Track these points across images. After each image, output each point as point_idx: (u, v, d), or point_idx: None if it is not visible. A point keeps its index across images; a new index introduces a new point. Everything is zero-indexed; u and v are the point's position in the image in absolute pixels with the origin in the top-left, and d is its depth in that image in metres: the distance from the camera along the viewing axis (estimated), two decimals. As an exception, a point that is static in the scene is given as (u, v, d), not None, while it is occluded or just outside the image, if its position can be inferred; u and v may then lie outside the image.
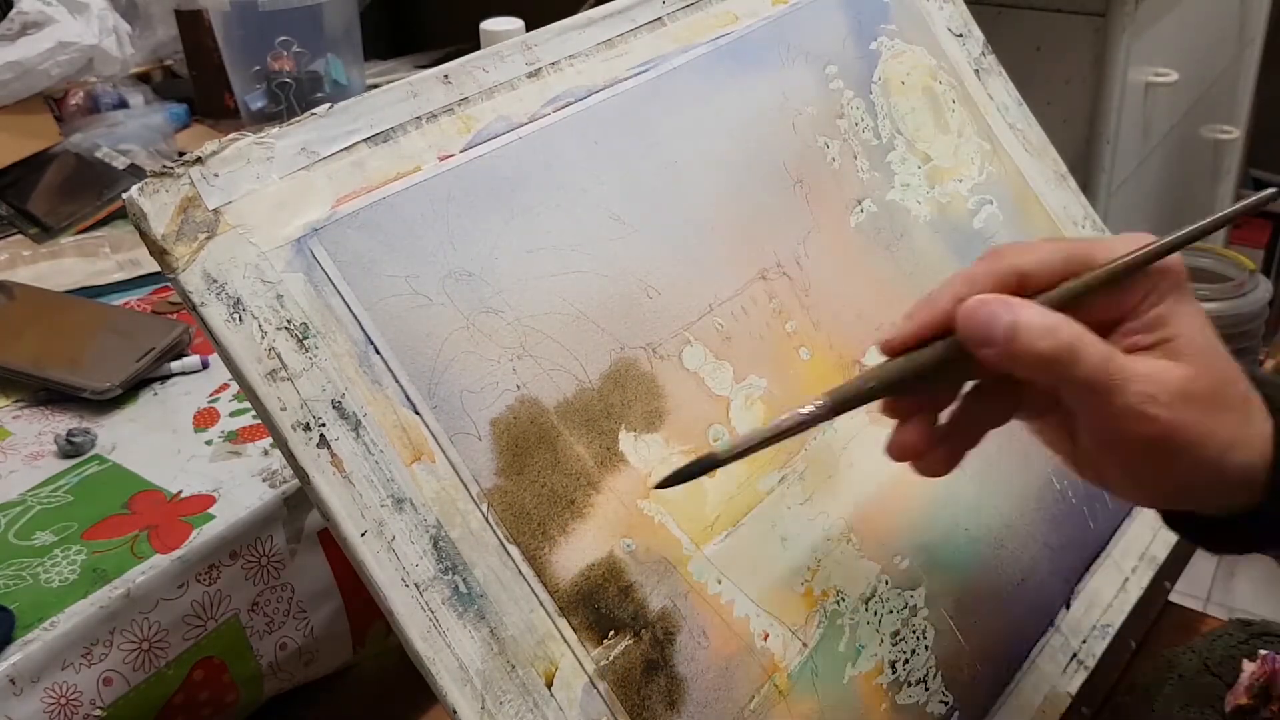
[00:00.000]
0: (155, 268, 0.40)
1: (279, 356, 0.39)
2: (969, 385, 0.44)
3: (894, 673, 0.49)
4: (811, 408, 0.40)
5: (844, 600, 0.48)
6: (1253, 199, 0.45)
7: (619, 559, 0.43)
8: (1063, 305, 0.40)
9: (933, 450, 0.42)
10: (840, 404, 0.40)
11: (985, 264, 0.42)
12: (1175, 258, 0.42)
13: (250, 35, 0.97)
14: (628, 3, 0.53)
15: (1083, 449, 0.43)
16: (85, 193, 0.88)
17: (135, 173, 0.90)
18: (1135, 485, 0.43)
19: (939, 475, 0.43)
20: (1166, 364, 0.40)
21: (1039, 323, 0.39)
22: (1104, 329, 0.40)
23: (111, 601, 0.50)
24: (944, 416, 0.43)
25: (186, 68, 1.06)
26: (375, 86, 0.47)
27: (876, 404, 0.42)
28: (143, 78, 1.08)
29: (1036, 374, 0.40)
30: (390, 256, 0.42)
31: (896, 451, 0.42)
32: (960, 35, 0.66)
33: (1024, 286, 0.41)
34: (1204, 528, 0.45)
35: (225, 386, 0.65)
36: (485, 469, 0.42)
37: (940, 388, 0.43)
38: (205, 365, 0.67)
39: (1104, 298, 0.41)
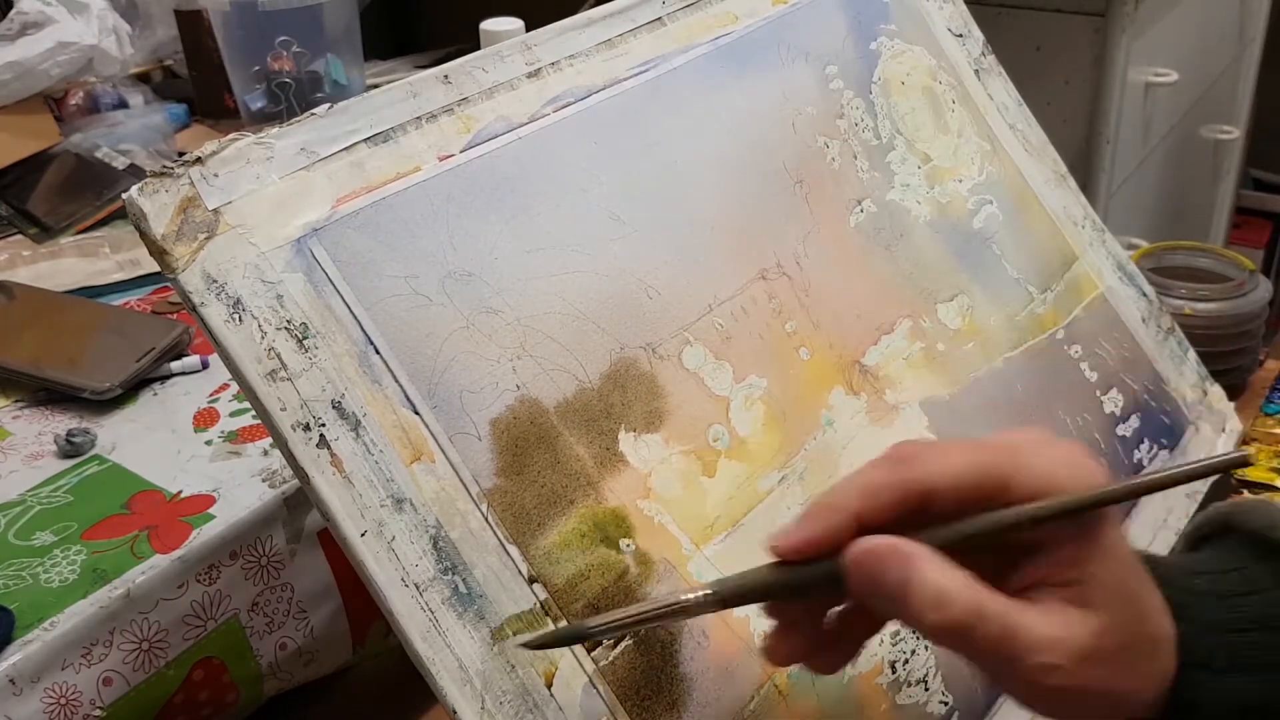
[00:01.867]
0: (155, 268, 0.40)
1: (279, 356, 0.39)
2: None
3: (894, 673, 0.49)
4: (692, 596, 0.37)
5: (844, 600, 0.48)
6: (1206, 462, 0.40)
7: (619, 559, 0.43)
8: (965, 542, 0.36)
9: (817, 654, 0.39)
10: (723, 598, 0.37)
11: (893, 472, 0.37)
12: (1090, 470, 0.37)
13: (250, 35, 0.97)
14: (628, 3, 0.53)
15: None
16: (85, 193, 0.88)
17: (135, 173, 0.90)
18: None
19: (829, 674, 0.40)
20: (1073, 617, 0.36)
21: (932, 591, 0.35)
22: (1012, 555, 0.37)
23: (111, 602, 0.50)
24: (831, 615, 0.39)
25: (186, 68, 1.06)
26: (375, 86, 0.47)
27: (876, 405, 0.42)
28: (143, 78, 1.08)
29: (932, 639, 0.36)
30: (390, 257, 0.42)
31: (774, 658, 0.39)
32: (960, 35, 0.66)
33: (929, 505, 0.36)
34: None
35: (225, 386, 0.65)
36: (485, 469, 0.42)
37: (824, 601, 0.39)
38: (205, 365, 0.67)
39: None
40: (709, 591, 0.37)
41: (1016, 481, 0.36)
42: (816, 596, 0.38)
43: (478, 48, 0.56)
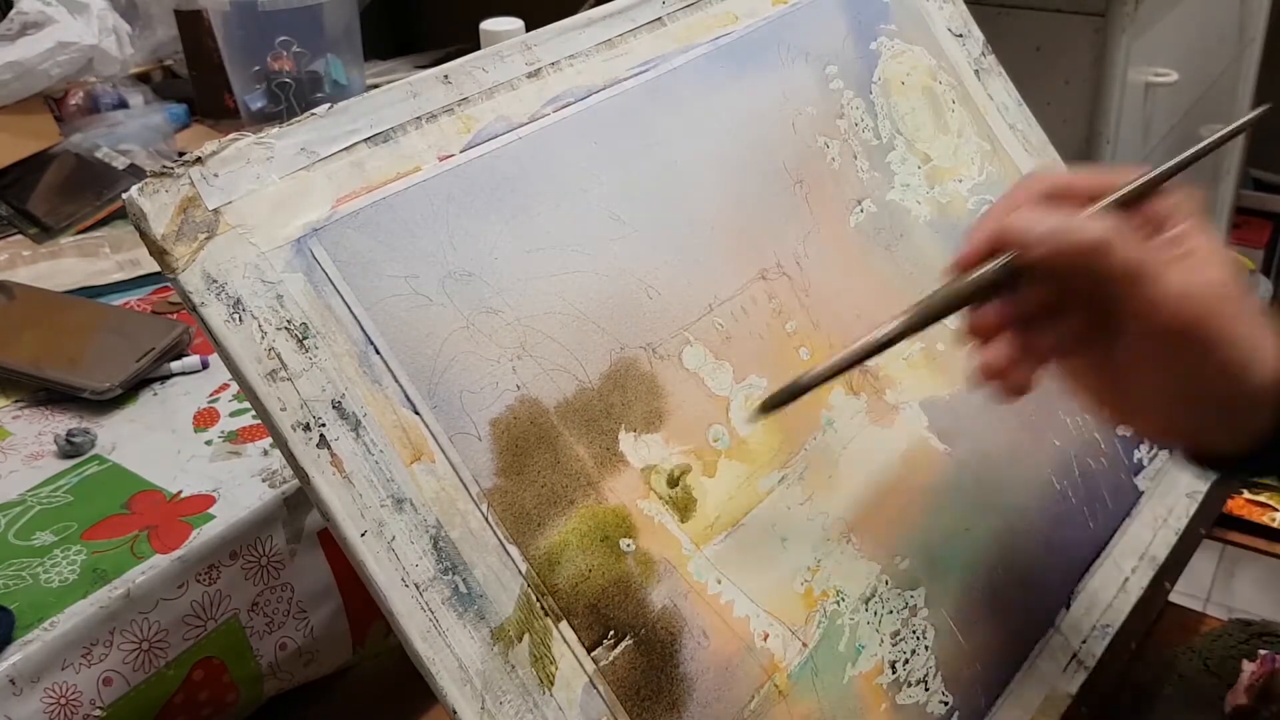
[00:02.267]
0: (155, 268, 0.40)
1: (279, 356, 0.39)
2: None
3: (894, 673, 0.49)
4: (896, 324, 0.43)
5: (844, 600, 0.48)
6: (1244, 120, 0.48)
7: (619, 559, 0.43)
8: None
9: (1013, 369, 0.44)
10: (918, 320, 0.43)
11: (1021, 186, 0.45)
12: (1192, 190, 0.45)
13: (250, 35, 0.97)
14: (628, 3, 0.53)
15: (1113, 371, 0.44)
16: (85, 193, 0.88)
17: (135, 173, 0.90)
18: (1163, 398, 0.44)
19: (1022, 394, 0.44)
20: (1197, 268, 0.42)
21: (1078, 220, 0.42)
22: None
23: (111, 601, 0.50)
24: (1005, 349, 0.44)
25: (186, 68, 1.06)
26: (375, 86, 0.47)
27: (876, 405, 0.42)
28: (143, 78, 1.08)
29: (1079, 265, 0.42)
30: (390, 257, 0.42)
31: (986, 371, 0.44)
32: (960, 35, 0.66)
33: (1067, 199, 0.44)
34: (1224, 457, 0.46)
35: (225, 386, 0.65)
36: (485, 469, 0.42)
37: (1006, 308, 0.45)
38: (205, 365, 0.67)
39: (1132, 219, 0.43)
40: (907, 317, 0.43)
41: (1119, 181, 0.44)
42: (997, 286, 0.43)
43: (478, 48, 0.56)
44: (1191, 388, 0.43)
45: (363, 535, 0.39)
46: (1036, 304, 0.44)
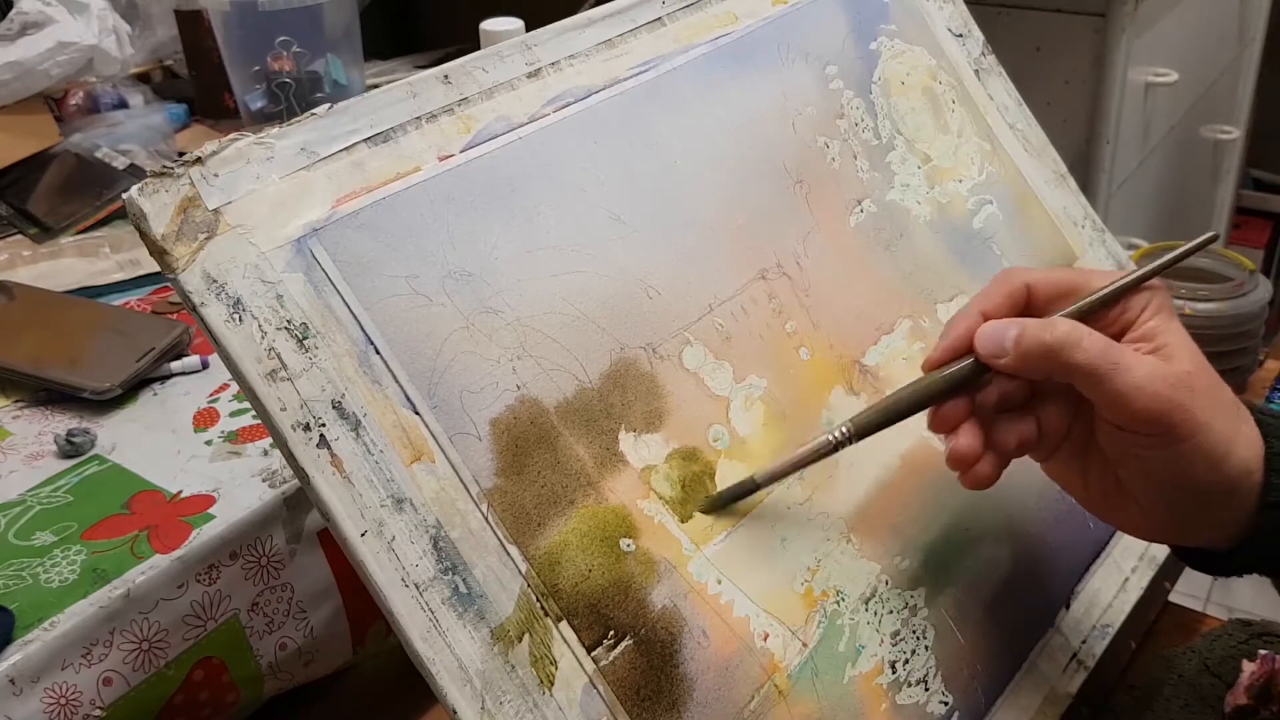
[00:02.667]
0: (155, 268, 0.40)
1: (279, 356, 0.39)
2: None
3: (894, 673, 0.49)
4: (839, 432, 0.46)
5: (844, 600, 0.48)
6: (1193, 244, 0.49)
7: (619, 559, 0.43)
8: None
9: (978, 460, 0.46)
10: (884, 418, 0.46)
11: (1000, 278, 0.47)
12: (1163, 287, 0.47)
13: (250, 35, 0.97)
14: (628, 3, 0.53)
15: (1094, 472, 0.46)
16: (85, 193, 0.88)
17: (135, 173, 0.90)
18: (1144, 492, 0.45)
19: (987, 484, 0.46)
20: (1165, 361, 0.43)
21: (1039, 323, 0.44)
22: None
23: (111, 601, 0.50)
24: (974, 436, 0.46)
25: (186, 68, 1.06)
26: (375, 86, 0.47)
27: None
28: (143, 78, 1.08)
29: (1045, 366, 0.43)
30: (390, 256, 0.42)
31: (957, 459, 0.46)
32: (960, 35, 0.66)
33: (1032, 299, 0.47)
34: (1210, 554, 0.48)
35: (225, 386, 0.65)
36: (485, 469, 0.42)
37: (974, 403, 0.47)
38: (205, 365, 0.67)
39: (1101, 317, 0.46)
40: (848, 427, 0.46)
41: (1093, 284, 0.46)
42: (962, 386, 0.46)
43: (478, 48, 0.56)
44: (1169, 478, 0.44)
45: (363, 535, 0.39)
46: (1000, 399, 0.46)
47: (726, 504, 0.46)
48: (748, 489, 0.46)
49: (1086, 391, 0.43)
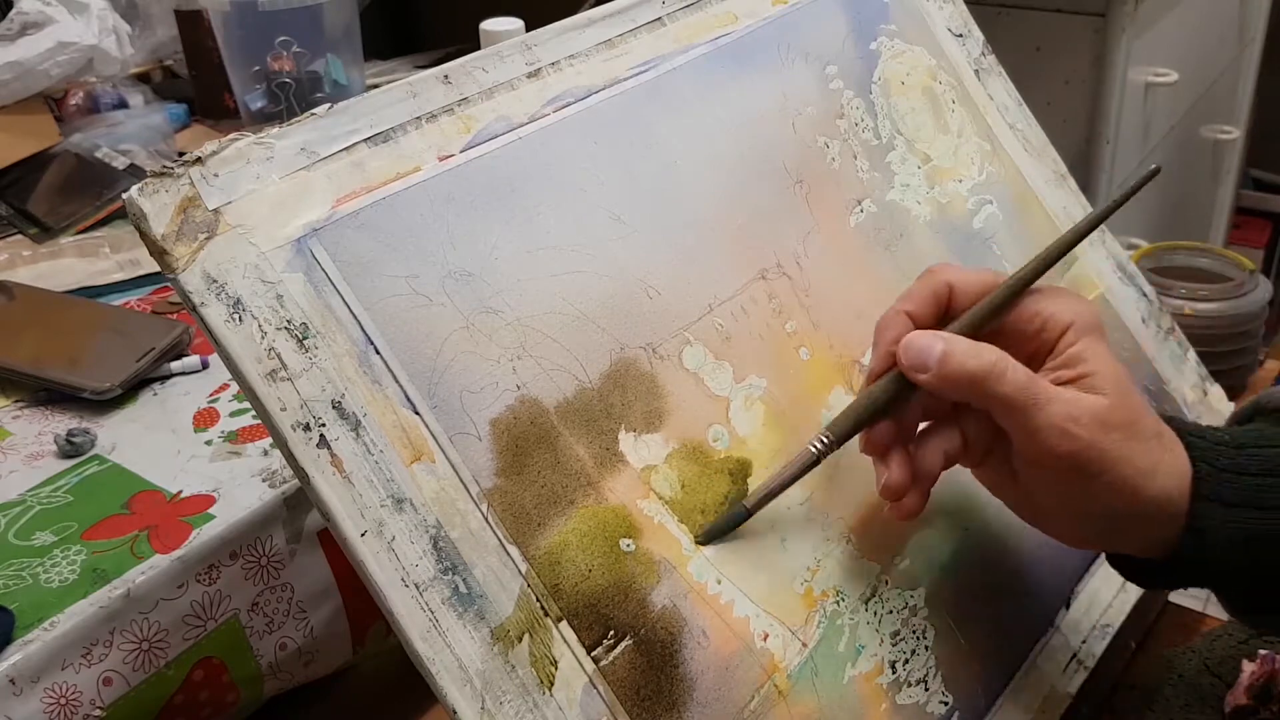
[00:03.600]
0: (155, 268, 0.40)
1: (279, 356, 0.39)
2: (921, 427, 0.48)
3: (894, 673, 0.49)
4: (820, 442, 0.46)
5: (844, 600, 0.48)
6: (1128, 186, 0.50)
7: (619, 559, 0.43)
8: (987, 319, 0.46)
9: (906, 491, 0.46)
10: (839, 436, 0.46)
11: (923, 278, 0.47)
12: (1090, 306, 0.47)
13: (250, 35, 0.97)
14: (628, 3, 0.53)
15: (1020, 485, 0.46)
16: (85, 193, 0.88)
17: (135, 173, 0.90)
18: (1065, 514, 0.46)
19: (914, 516, 0.47)
20: (1086, 394, 0.43)
21: (967, 346, 0.43)
22: (1028, 366, 0.44)
23: (111, 601, 0.50)
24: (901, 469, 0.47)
25: (186, 68, 1.06)
26: (375, 86, 0.47)
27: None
28: (143, 78, 1.08)
29: (966, 392, 0.43)
30: (390, 256, 0.42)
31: (890, 492, 0.46)
32: (960, 35, 0.66)
33: (954, 298, 0.47)
34: (1140, 568, 0.48)
35: (225, 386, 0.65)
36: (485, 469, 0.42)
37: (902, 424, 0.47)
38: (205, 365, 0.67)
39: (1024, 332, 0.46)
40: (827, 436, 0.46)
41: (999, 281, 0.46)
42: (888, 412, 0.46)
43: (478, 48, 0.56)
44: (1086, 505, 0.44)
45: (363, 535, 0.39)
46: (924, 411, 0.47)
47: (722, 534, 0.46)
48: (740, 517, 0.46)
49: (1002, 422, 0.44)
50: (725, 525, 0.46)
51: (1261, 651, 0.56)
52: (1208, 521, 0.44)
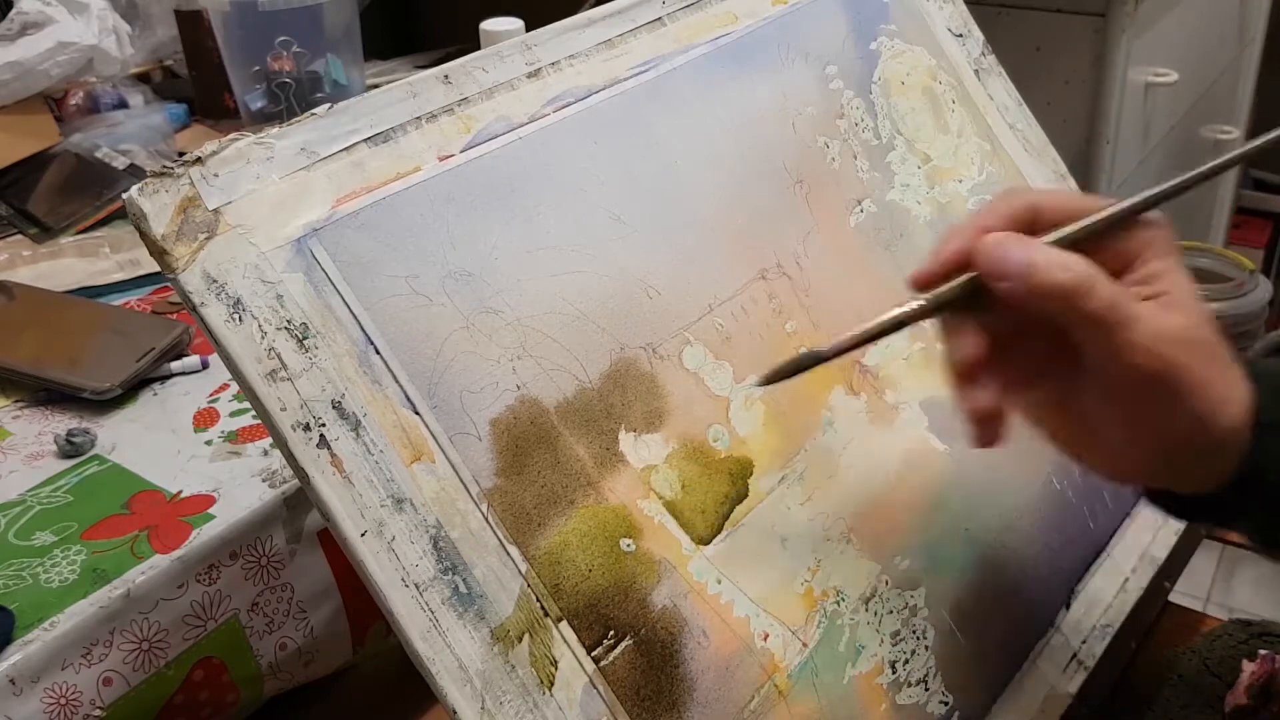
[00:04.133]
0: (155, 268, 0.40)
1: (279, 356, 0.39)
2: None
3: (894, 673, 0.49)
4: (908, 308, 0.43)
5: (844, 600, 0.48)
6: (1254, 143, 0.47)
7: (619, 559, 0.43)
8: (1072, 245, 0.42)
9: (993, 414, 0.43)
10: (936, 306, 0.43)
11: (1001, 200, 0.44)
12: (1166, 226, 0.44)
13: (250, 35, 0.97)
14: (628, 3, 0.53)
15: (1075, 414, 0.44)
16: (85, 193, 0.88)
17: (135, 173, 0.90)
18: (1130, 444, 0.43)
19: (992, 443, 0.43)
20: (1170, 312, 0.41)
21: (1056, 257, 0.40)
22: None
23: (111, 602, 0.50)
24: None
25: (186, 68, 1.06)
26: (375, 86, 0.47)
27: (876, 405, 0.42)
28: (143, 78, 1.08)
29: (1051, 304, 0.41)
30: (390, 256, 0.42)
31: (974, 417, 0.43)
32: (960, 35, 0.66)
33: (1037, 222, 0.43)
34: (1183, 502, 0.46)
35: (225, 386, 0.65)
36: (485, 469, 0.42)
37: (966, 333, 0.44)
38: (205, 365, 0.67)
39: (1105, 249, 0.43)
40: (923, 301, 0.42)
41: (1099, 207, 0.43)
42: (959, 306, 0.43)
43: (478, 48, 0.56)
44: (1157, 433, 0.42)
45: (363, 535, 0.39)
46: (1000, 332, 0.43)
47: (788, 376, 0.43)
48: (813, 361, 0.43)
49: (1085, 340, 0.41)
50: (795, 367, 0.43)
51: (1262, 652, 0.56)
52: (1270, 453, 0.42)
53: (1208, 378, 0.41)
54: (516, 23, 0.85)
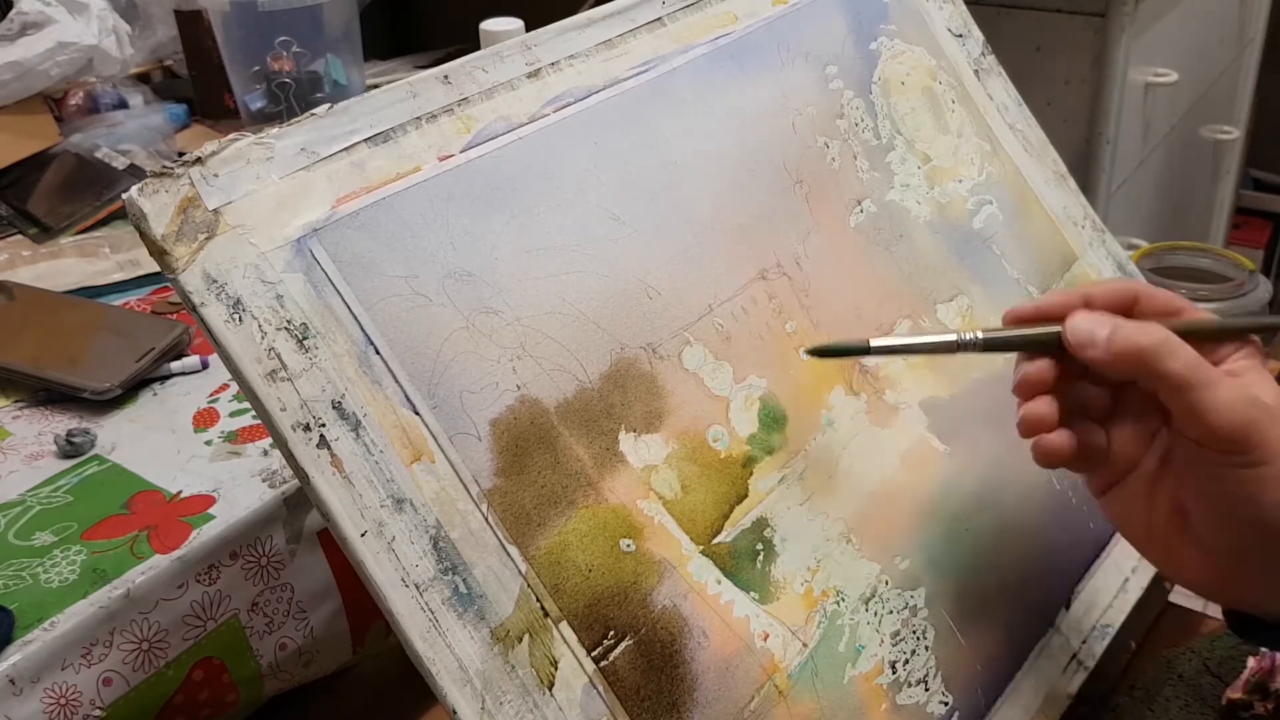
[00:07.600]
0: (155, 268, 0.40)
1: (279, 357, 0.39)
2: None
3: (894, 673, 0.49)
4: (966, 336, 0.46)
5: (844, 600, 0.48)
6: None
7: (619, 559, 0.43)
8: (1178, 332, 0.44)
9: (1053, 431, 0.46)
10: (988, 343, 0.47)
11: (1110, 282, 0.48)
12: (1257, 342, 0.47)
13: (250, 35, 0.97)
14: (628, 3, 0.53)
15: (1160, 508, 0.45)
16: (85, 193, 0.88)
17: (135, 173, 0.90)
18: (1211, 523, 0.44)
19: (1054, 459, 0.46)
20: (1250, 381, 0.44)
21: (1135, 324, 0.44)
22: None
23: (111, 602, 0.50)
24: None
25: (186, 68, 1.06)
26: (375, 86, 0.47)
27: (876, 405, 0.42)
28: (143, 78, 1.08)
29: (1134, 368, 0.43)
30: (390, 257, 0.42)
31: (1026, 423, 0.46)
32: (960, 35, 0.66)
33: (1134, 309, 0.46)
34: (1265, 626, 0.46)
35: (225, 387, 0.65)
36: (485, 469, 0.42)
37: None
38: (205, 365, 0.67)
39: (1202, 348, 0.44)
40: (978, 335, 0.46)
41: (1194, 317, 0.46)
42: (1037, 350, 0.46)
43: (478, 48, 0.56)
44: (1238, 505, 0.42)
45: (363, 535, 0.39)
46: (1079, 403, 0.46)
47: (835, 355, 0.48)
48: (859, 350, 0.46)
49: (1168, 401, 0.43)
50: (842, 350, 0.47)
51: (1262, 650, 0.56)
52: None
53: (1270, 435, 0.41)
54: (516, 23, 0.85)
